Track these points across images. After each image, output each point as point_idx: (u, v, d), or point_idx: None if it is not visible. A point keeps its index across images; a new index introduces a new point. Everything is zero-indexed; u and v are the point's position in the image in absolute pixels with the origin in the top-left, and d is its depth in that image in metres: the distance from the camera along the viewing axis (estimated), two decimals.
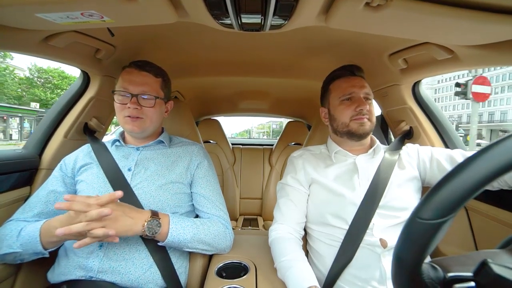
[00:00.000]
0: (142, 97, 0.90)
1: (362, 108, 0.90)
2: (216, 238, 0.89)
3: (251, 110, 2.61)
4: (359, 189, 0.88)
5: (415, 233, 0.32)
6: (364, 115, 0.91)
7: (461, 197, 0.29)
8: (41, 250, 0.75)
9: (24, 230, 0.77)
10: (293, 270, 0.77)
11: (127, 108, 0.89)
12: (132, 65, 0.93)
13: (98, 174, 0.89)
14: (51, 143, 1.10)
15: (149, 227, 0.76)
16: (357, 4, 0.56)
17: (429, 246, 0.31)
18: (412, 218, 0.32)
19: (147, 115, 0.92)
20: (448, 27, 0.63)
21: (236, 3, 0.59)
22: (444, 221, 0.30)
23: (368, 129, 0.93)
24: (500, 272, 0.28)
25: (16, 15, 0.64)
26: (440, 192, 0.31)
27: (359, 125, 0.92)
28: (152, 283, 0.81)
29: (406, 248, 0.33)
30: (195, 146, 1.04)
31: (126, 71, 0.93)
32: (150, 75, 0.93)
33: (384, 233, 0.81)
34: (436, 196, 0.31)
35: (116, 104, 0.92)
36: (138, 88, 0.90)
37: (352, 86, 0.94)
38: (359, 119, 0.91)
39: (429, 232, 0.31)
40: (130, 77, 0.91)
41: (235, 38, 1.03)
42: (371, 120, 0.93)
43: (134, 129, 0.91)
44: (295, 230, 0.93)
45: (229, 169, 2.29)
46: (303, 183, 0.97)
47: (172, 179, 0.91)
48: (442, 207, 0.30)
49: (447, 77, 53.25)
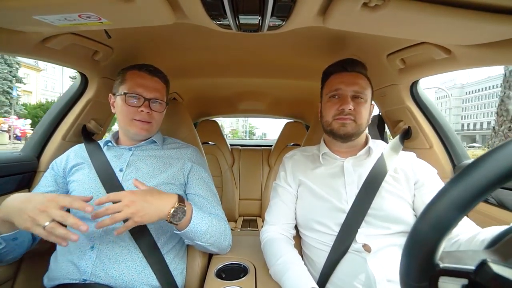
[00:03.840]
0: (153, 102, 0.93)
1: (344, 107, 0.84)
2: (222, 235, 0.90)
3: (249, 111, 2.62)
4: (346, 195, 0.85)
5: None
6: (347, 115, 0.85)
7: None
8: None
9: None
10: (289, 273, 0.75)
11: (139, 112, 0.90)
12: (143, 69, 0.93)
13: (89, 174, 0.89)
14: (49, 145, 1.10)
15: (174, 214, 0.76)
16: (355, 5, 0.56)
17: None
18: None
19: (155, 119, 0.94)
20: (445, 27, 0.63)
21: (233, 4, 0.59)
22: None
23: (350, 131, 0.86)
24: (499, 271, 0.28)
25: (13, 17, 0.64)
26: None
27: (340, 125, 0.86)
28: (147, 284, 0.80)
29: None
30: (189, 149, 1.04)
31: (137, 74, 0.92)
32: (160, 81, 0.96)
33: (368, 238, 0.79)
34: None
35: (122, 106, 0.91)
36: (151, 93, 0.92)
37: (340, 83, 0.87)
38: (341, 119, 0.86)
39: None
40: (143, 82, 0.91)
41: (233, 39, 1.03)
42: (357, 121, 0.85)
43: (141, 132, 0.92)
44: (286, 230, 0.92)
45: (228, 170, 2.29)
46: (292, 185, 0.96)
47: (164, 180, 0.91)
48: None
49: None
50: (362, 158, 0.92)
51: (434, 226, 0.31)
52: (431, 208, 0.32)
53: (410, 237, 0.33)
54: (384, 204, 0.81)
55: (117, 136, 1.02)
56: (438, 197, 0.32)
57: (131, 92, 0.90)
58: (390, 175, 0.85)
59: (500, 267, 0.29)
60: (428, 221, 0.32)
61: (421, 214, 0.33)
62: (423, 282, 0.32)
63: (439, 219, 0.31)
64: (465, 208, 0.29)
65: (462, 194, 0.30)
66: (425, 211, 0.33)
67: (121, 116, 0.93)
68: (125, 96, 0.90)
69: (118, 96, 0.92)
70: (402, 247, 0.34)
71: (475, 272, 0.30)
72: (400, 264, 0.35)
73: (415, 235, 0.33)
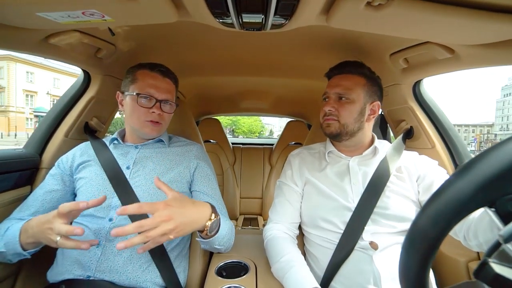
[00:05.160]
0: (164, 103, 0.93)
1: (325, 108, 0.91)
2: (232, 235, 0.91)
3: (251, 109, 2.62)
4: (352, 194, 0.87)
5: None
6: (329, 116, 0.90)
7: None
8: (21, 251, 0.72)
9: (9, 229, 0.76)
10: (292, 272, 0.76)
11: (151, 113, 0.90)
12: (155, 70, 0.93)
13: (97, 172, 0.89)
14: (51, 142, 1.10)
15: (211, 228, 0.75)
16: (358, 4, 0.56)
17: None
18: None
19: (165, 120, 0.95)
20: (449, 26, 0.63)
21: (237, 2, 0.59)
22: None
23: (334, 131, 0.90)
24: (500, 271, 0.28)
25: (17, 14, 0.64)
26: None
27: (326, 125, 0.92)
28: (151, 282, 0.81)
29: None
30: (194, 146, 1.04)
31: (149, 75, 0.92)
32: (171, 82, 0.97)
33: (374, 236, 0.80)
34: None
35: (134, 106, 0.91)
36: (163, 94, 0.92)
37: (327, 86, 0.94)
38: (326, 119, 0.91)
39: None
40: (155, 83, 0.92)
41: (236, 38, 1.03)
42: (340, 121, 0.89)
43: (153, 133, 0.94)
44: (290, 229, 0.92)
45: (229, 169, 2.29)
46: (298, 183, 0.97)
47: (171, 177, 0.91)
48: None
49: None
50: (367, 158, 0.94)
51: (434, 222, 0.31)
52: (431, 203, 0.32)
53: (410, 233, 0.34)
54: (390, 203, 0.82)
55: (123, 134, 1.02)
56: (438, 193, 0.32)
57: (143, 93, 0.90)
58: (394, 175, 0.87)
59: (502, 267, 0.29)
60: (428, 216, 0.32)
61: (421, 208, 0.33)
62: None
63: (439, 214, 0.31)
64: (468, 206, 0.29)
65: (465, 187, 0.30)
66: (425, 206, 0.33)
67: (131, 116, 0.92)
68: (137, 97, 0.90)
69: (128, 95, 0.92)
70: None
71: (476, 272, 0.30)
72: (399, 260, 0.35)
73: (415, 230, 0.33)
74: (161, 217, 0.62)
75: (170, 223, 0.62)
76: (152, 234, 0.60)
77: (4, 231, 0.76)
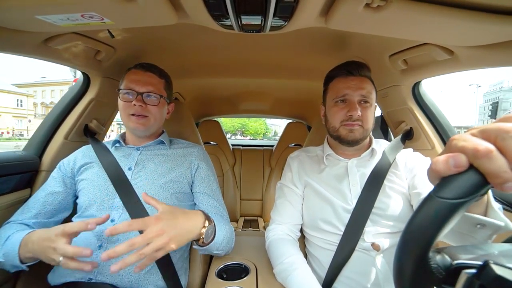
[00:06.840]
0: (147, 96, 0.92)
1: (352, 114, 0.84)
2: (231, 239, 0.90)
3: (251, 111, 2.62)
4: (350, 195, 0.86)
5: (432, 210, 0.31)
6: (355, 121, 0.85)
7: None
8: (18, 263, 0.70)
9: (10, 238, 0.74)
10: (295, 274, 0.75)
11: (132, 106, 0.90)
12: (137, 67, 0.95)
13: (99, 173, 0.90)
14: (51, 145, 1.10)
15: (207, 235, 0.74)
16: (357, 5, 0.56)
17: (444, 227, 0.30)
18: (430, 196, 0.31)
19: (151, 113, 0.93)
20: (448, 27, 0.63)
21: (236, 4, 0.59)
22: (464, 201, 0.29)
23: (358, 137, 0.87)
24: (501, 273, 0.28)
25: (16, 17, 0.64)
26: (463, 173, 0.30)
27: (348, 131, 0.86)
28: (152, 284, 0.81)
29: (418, 228, 0.32)
30: (195, 148, 1.05)
31: (131, 71, 0.94)
32: (155, 76, 0.96)
33: (376, 238, 0.80)
34: (459, 176, 0.30)
35: (120, 103, 0.92)
36: (143, 87, 0.92)
37: (346, 88, 0.86)
38: (349, 125, 0.86)
39: (446, 211, 0.30)
40: (135, 77, 0.92)
41: (236, 39, 1.03)
42: (364, 127, 0.86)
43: (138, 126, 0.92)
44: (292, 231, 0.92)
45: (229, 170, 2.29)
46: (298, 185, 0.97)
47: (172, 178, 0.91)
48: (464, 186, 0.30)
49: None
50: (365, 159, 0.93)
51: (429, 222, 0.31)
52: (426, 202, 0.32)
53: (404, 232, 0.34)
54: (388, 203, 0.82)
55: (125, 136, 1.03)
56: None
57: (125, 88, 0.91)
58: (391, 172, 0.87)
59: (503, 269, 0.29)
60: (423, 216, 0.32)
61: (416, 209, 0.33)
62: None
63: (433, 214, 0.31)
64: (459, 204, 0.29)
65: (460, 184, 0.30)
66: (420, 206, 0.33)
67: (120, 113, 0.95)
68: (120, 93, 0.92)
69: (119, 95, 0.94)
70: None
71: (477, 274, 0.30)
72: (394, 261, 0.35)
73: (409, 230, 0.33)
74: (153, 233, 0.61)
75: (163, 237, 0.61)
76: (146, 251, 0.59)
77: (4, 240, 0.74)
